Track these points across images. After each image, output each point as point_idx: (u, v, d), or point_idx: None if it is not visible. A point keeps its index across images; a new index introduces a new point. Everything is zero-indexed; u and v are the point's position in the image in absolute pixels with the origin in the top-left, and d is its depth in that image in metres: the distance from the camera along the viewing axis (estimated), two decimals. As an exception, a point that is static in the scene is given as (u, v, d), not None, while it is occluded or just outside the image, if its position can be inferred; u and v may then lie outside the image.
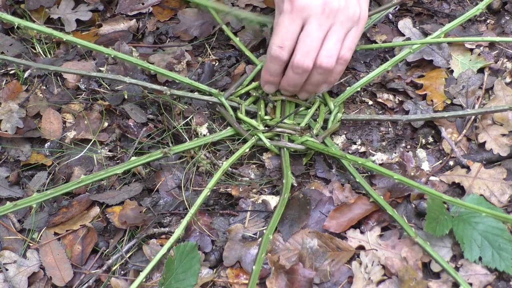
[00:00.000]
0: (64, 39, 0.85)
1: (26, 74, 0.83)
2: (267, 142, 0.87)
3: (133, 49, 0.99)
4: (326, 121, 0.90)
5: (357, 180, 0.82)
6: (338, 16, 0.80)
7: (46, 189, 0.86)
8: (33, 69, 0.83)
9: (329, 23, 0.80)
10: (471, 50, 0.98)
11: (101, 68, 0.92)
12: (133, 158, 0.81)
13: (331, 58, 0.80)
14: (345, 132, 0.92)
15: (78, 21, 1.05)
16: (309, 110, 0.90)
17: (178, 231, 0.75)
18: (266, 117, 0.90)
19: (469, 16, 0.97)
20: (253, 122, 0.89)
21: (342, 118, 0.90)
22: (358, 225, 0.80)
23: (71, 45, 1.03)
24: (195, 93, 0.92)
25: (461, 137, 0.89)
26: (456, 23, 0.96)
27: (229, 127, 0.90)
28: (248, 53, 0.96)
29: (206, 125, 0.91)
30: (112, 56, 0.86)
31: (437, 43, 0.97)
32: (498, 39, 0.96)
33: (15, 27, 1.03)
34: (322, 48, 0.80)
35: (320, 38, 0.80)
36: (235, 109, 0.91)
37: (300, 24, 0.80)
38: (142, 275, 0.71)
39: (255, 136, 0.87)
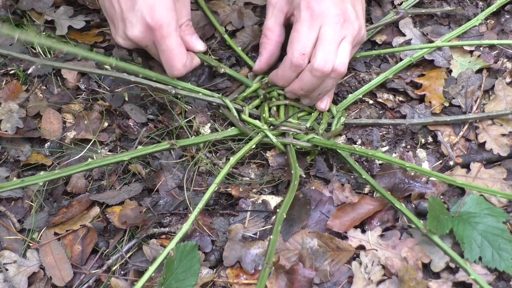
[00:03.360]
0: (64, 51, 0.84)
1: (30, 70, 0.82)
2: (274, 139, 0.87)
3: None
4: (329, 124, 0.90)
5: (363, 176, 0.82)
6: (350, 29, 0.82)
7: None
8: (38, 65, 0.82)
9: (343, 33, 0.82)
10: (471, 52, 0.98)
11: (106, 66, 0.91)
12: (140, 147, 0.81)
13: (344, 65, 0.82)
14: (345, 132, 0.92)
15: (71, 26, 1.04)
16: (312, 114, 0.91)
17: (186, 226, 0.74)
18: (270, 119, 0.90)
19: (469, 27, 1.00)
20: (257, 122, 0.89)
21: (345, 122, 0.90)
22: (361, 225, 0.80)
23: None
24: (199, 94, 0.92)
25: (459, 138, 0.89)
26: (455, 33, 0.99)
27: (233, 127, 0.90)
28: (248, 60, 0.96)
29: (209, 125, 0.91)
30: (114, 65, 0.86)
31: (437, 47, 0.97)
32: (496, 42, 0.96)
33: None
34: (337, 54, 0.82)
35: (337, 43, 0.82)
36: (238, 112, 0.91)
37: (317, 31, 0.81)
38: (148, 273, 0.70)
39: (261, 133, 0.87)
